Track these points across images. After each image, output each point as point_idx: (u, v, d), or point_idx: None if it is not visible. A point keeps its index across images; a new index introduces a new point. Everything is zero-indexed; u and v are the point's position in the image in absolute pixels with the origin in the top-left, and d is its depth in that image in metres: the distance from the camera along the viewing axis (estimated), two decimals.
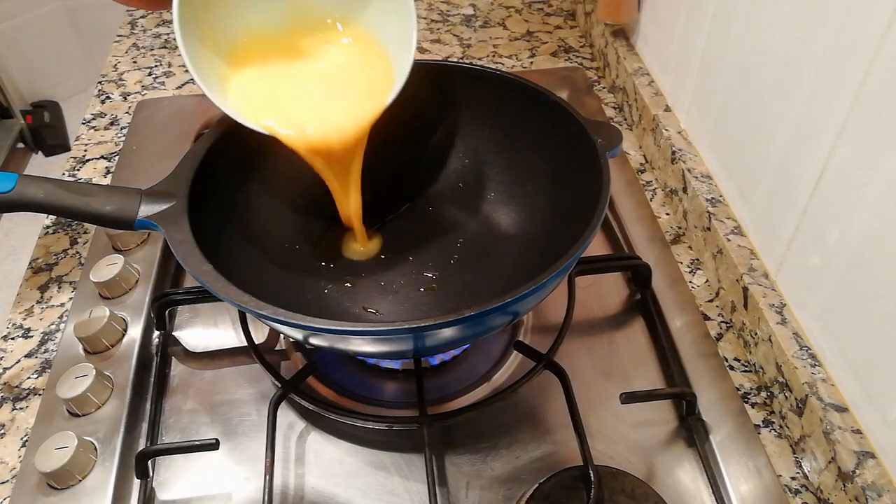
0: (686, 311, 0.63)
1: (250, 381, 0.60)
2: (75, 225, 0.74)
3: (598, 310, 0.66)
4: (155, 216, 0.49)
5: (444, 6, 1.08)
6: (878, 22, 0.44)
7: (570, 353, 0.61)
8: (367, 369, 0.61)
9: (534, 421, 0.57)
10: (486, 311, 0.43)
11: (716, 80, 0.67)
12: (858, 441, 0.49)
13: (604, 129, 0.55)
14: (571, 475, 0.51)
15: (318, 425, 0.57)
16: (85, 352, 0.60)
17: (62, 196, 0.48)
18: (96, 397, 0.56)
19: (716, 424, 0.55)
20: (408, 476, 0.54)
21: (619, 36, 0.89)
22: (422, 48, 0.99)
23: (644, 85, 0.81)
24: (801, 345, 0.55)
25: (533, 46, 0.99)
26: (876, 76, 0.45)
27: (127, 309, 0.63)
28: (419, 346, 0.50)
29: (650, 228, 0.71)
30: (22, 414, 0.57)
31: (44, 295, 0.67)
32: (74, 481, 0.52)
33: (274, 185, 0.62)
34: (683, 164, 0.71)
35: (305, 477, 0.54)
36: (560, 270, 0.46)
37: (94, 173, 0.80)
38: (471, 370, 0.60)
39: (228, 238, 0.55)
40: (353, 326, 0.44)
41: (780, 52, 0.56)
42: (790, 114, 0.55)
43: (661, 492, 0.50)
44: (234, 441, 0.56)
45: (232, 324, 0.64)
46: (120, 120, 0.87)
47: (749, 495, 0.51)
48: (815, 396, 0.51)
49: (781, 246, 0.58)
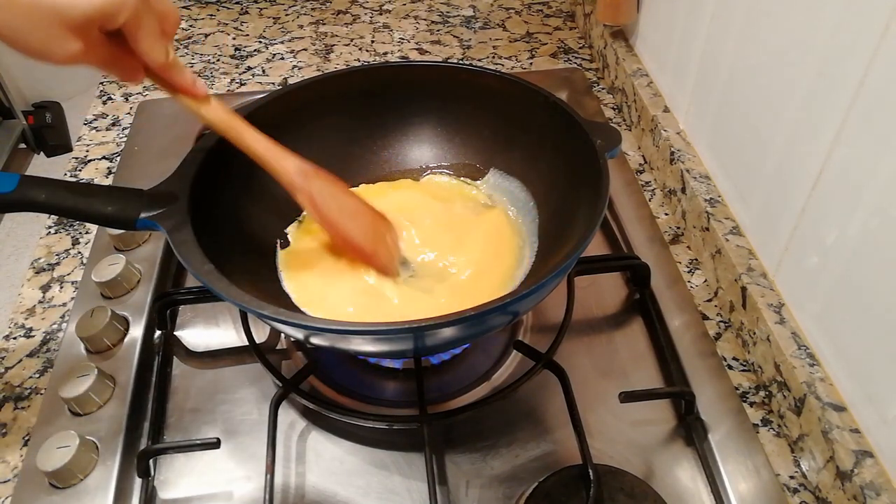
0: (685, 311, 0.64)
1: (251, 381, 0.60)
2: (77, 225, 0.74)
3: (598, 309, 0.66)
4: (156, 216, 0.50)
5: (445, 7, 1.09)
6: (876, 23, 0.44)
7: (570, 353, 0.61)
8: (368, 368, 0.61)
9: (533, 420, 0.57)
10: (486, 310, 0.43)
11: (714, 81, 0.67)
12: (857, 440, 0.49)
13: (603, 130, 0.55)
14: (571, 474, 0.51)
15: (319, 424, 0.57)
16: (87, 351, 0.60)
17: (64, 196, 0.48)
18: (98, 397, 0.56)
19: (714, 423, 0.55)
20: (408, 475, 0.54)
21: (619, 37, 0.89)
22: (422, 49, 1.00)
23: (643, 86, 0.82)
24: (799, 344, 0.55)
25: (532, 48, 0.99)
26: (874, 77, 0.45)
27: (128, 308, 0.63)
28: (419, 345, 0.50)
29: (649, 228, 0.71)
30: (24, 413, 0.58)
31: (45, 295, 0.67)
32: (76, 480, 0.52)
33: (275, 185, 0.62)
34: (682, 165, 0.71)
35: (306, 476, 0.54)
36: (560, 270, 0.46)
37: (96, 174, 0.80)
38: (471, 369, 0.61)
39: (230, 238, 0.55)
40: (353, 326, 0.44)
41: (779, 53, 0.56)
42: (788, 114, 0.55)
43: (659, 490, 0.50)
44: (236, 440, 0.56)
45: (233, 323, 0.64)
46: (121, 120, 0.88)
47: (748, 494, 0.51)
48: (814, 396, 0.51)
49: (780, 246, 0.58)
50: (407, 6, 1.09)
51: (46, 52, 0.39)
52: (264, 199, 0.60)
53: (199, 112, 0.49)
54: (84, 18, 0.39)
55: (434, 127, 0.68)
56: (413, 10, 1.08)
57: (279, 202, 0.62)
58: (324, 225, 0.56)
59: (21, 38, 0.39)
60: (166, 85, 0.48)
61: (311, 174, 0.54)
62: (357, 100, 0.66)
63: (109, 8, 0.39)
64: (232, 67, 0.96)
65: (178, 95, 0.48)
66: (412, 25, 1.05)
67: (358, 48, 1.00)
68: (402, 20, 1.06)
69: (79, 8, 0.38)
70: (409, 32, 1.03)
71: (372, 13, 1.08)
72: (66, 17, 0.38)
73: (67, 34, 0.39)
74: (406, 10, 1.08)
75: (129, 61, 0.44)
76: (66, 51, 0.39)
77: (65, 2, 0.38)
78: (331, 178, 0.56)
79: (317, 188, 0.54)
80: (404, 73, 0.67)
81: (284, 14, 1.08)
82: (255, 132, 0.52)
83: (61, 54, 0.40)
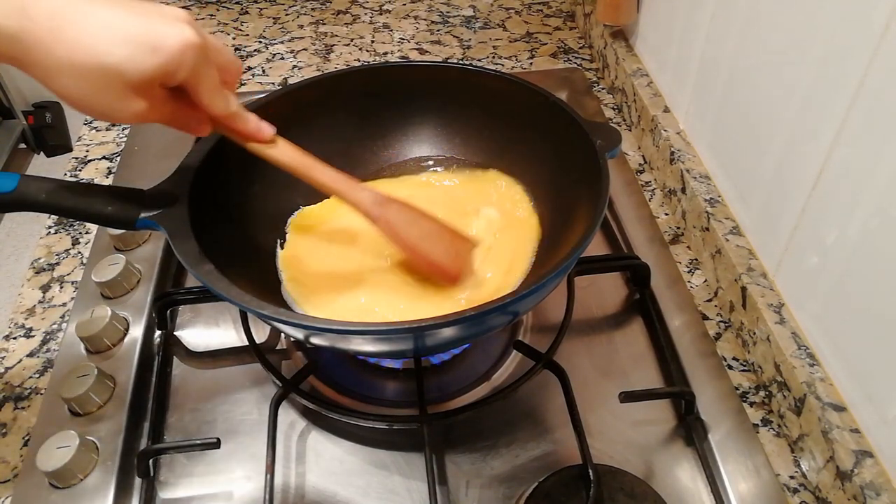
0: (685, 311, 0.64)
1: (251, 381, 0.60)
2: (77, 225, 0.74)
3: (598, 309, 0.66)
4: (156, 216, 0.50)
5: (445, 7, 1.09)
6: (876, 23, 0.44)
7: (570, 353, 0.61)
8: (368, 368, 0.61)
9: (533, 420, 0.57)
10: (486, 311, 0.43)
11: (714, 81, 0.67)
12: (857, 440, 0.49)
13: (603, 130, 0.55)
14: (571, 474, 0.51)
15: (319, 424, 0.57)
16: (87, 351, 0.60)
17: (64, 196, 0.48)
18: (98, 397, 0.56)
19: (714, 423, 0.55)
20: (408, 475, 0.54)
21: (619, 37, 0.89)
22: (422, 49, 1.00)
23: (643, 86, 0.82)
24: (799, 344, 0.55)
25: (532, 48, 0.99)
26: (874, 76, 0.45)
27: (128, 308, 0.63)
28: (419, 345, 0.50)
29: (649, 228, 0.71)
30: (24, 413, 0.58)
31: (46, 295, 0.67)
32: (76, 480, 0.52)
33: (275, 185, 0.62)
34: (682, 165, 0.71)
35: (306, 476, 0.54)
36: (559, 271, 0.46)
37: (96, 174, 0.80)
38: (471, 369, 0.61)
39: (230, 238, 0.55)
40: (353, 326, 0.44)
41: (779, 52, 0.56)
42: (788, 114, 0.55)
43: (659, 490, 0.50)
44: (236, 440, 0.56)
45: (233, 323, 0.65)
46: None
47: (748, 494, 0.51)
48: (814, 396, 0.51)
49: (780, 246, 0.58)
50: (407, 6, 1.09)
51: (112, 112, 0.40)
52: (265, 199, 0.60)
53: (269, 155, 0.50)
54: (146, 79, 0.40)
55: (434, 127, 0.68)
56: (413, 10, 1.08)
57: (279, 202, 0.62)
58: (406, 251, 0.56)
59: (86, 101, 0.40)
60: (233, 134, 0.48)
61: (385, 203, 0.54)
62: (357, 99, 0.66)
63: (170, 67, 0.40)
64: None
65: (248, 143, 0.49)
66: (412, 25, 1.05)
67: (358, 48, 1.00)
68: (402, 20, 1.06)
69: (140, 68, 0.39)
70: (409, 32, 1.03)
71: (372, 13, 1.08)
72: (129, 79, 0.39)
73: (131, 95, 0.40)
74: (406, 10, 1.08)
75: (193, 115, 0.45)
76: (131, 110, 0.40)
77: (127, 64, 0.39)
78: (406, 203, 0.56)
79: (393, 215, 0.54)
80: (404, 72, 0.67)
81: (284, 14, 1.08)
82: (326, 167, 0.52)
83: (127, 113, 0.41)
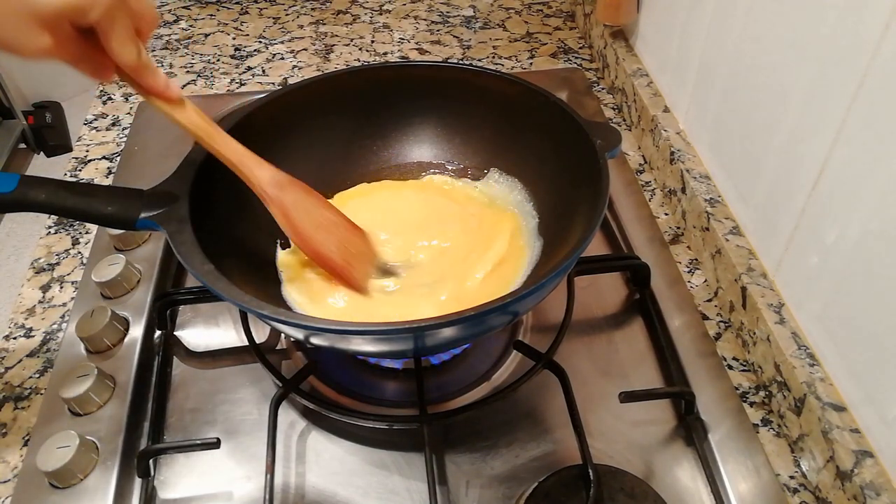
0: (685, 311, 0.64)
1: (251, 381, 0.60)
2: (77, 225, 0.74)
3: (598, 309, 0.66)
4: (156, 216, 0.50)
5: (445, 7, 1.09)
6: (876, 23, 0.44)
7: (570, 353, 0.61)
8: (368, 368, 0.61)
9: (533, 420, 0.57)
10: (486, 310, 0.43)
11: (714, 81, 0.67)
12: (857, 440, 0.49)
13: (603, 130, 0.55)
14: (571, 474, 0.51)
15: (319, 424, 0.57)
16: (86, 351, 0.60)
17: (64, 196, 0.48)
18: (98, 397, 0.56)
19: (714, 423, 0.55)
20: (408, 475, 0.54)
21: (619, 37, 0.89)
22: (422, 49, 1.00)
23: (643, 86, 0.82)
24: (799, 344, 0.55)
25: (532, 48, 0.99)
26: (874, 77, 0.45)
27: (128, 309, 0.63)
28: (419, 345, 0.50)
29: (649, 228, 0.71)
30: (24, 413, 0.58)
31: (45, 295, 0.67)
32: (76, 480, 0.52)
33: None
34: (682, 165, 0.71)
35: (306, 476, 0.54)
36: (559, 270, 0.46)
37: (96, 174, 0.80)
38: (471, 369, 0.61)
39: (230, 238, 0.55)
40: (353, 326, 0.44)
41: (779, 52, 0.56)
42: (789, 114, 0.55)
43: (660, 490, 0.50)
44: (236, 440, 0.56)
45: (233, 323, 0.64)
46: (121, 121, 0.88)
47: (748, 494, 0.51)
48: (814, 396, 0.51)
49: (780, 246, 0.58)
50: (407, 6, 1.09)
51: (16, 44, 0.39)
52: None
53: (172, 115, 0.48)
54: (55, 13, 0.38)
55: (434, 127, 0.68)
56: (413, 10, 1.08)
57: None
58: (294, 237, 0.54)
59: None
60: (137, 86, 0.47)
61: (285, 185, 0.53)
62: (357, 100, 0.66)
63: (81, 4, 0.39)
64: (232, 67, 0.96)
65: (151, 98, 0.47)
66: (412, 25, 1.05)
67: (358, 48, 1.00)
68: (402, 20, 1.06)
69: (50, 3, 0.38)
70: (409, 32, 1.03)
71: (372, 13, 1.08)
72: (37, 11, 0.38)
73: (38, 28, 0.38)
74: (406, 10, 1.08)
75: (100, 59, 0.44)
76: (35, 45, 0.39)
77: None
78: (306, 189, 0.54)
79: (290, 199, 0.53)
80: (404, 73, 0.67)
81: (284, 14, 1.08)
82: (229, 139, 0.51)
83: (31, 48, 0.39)
